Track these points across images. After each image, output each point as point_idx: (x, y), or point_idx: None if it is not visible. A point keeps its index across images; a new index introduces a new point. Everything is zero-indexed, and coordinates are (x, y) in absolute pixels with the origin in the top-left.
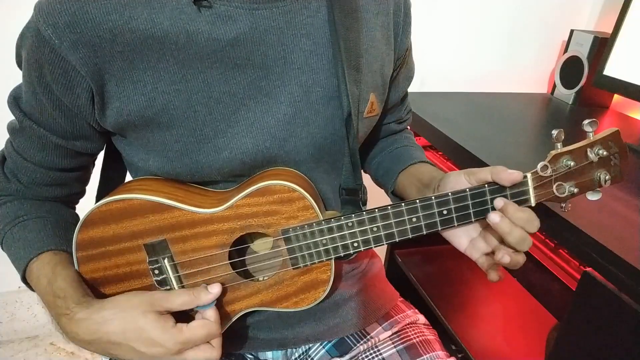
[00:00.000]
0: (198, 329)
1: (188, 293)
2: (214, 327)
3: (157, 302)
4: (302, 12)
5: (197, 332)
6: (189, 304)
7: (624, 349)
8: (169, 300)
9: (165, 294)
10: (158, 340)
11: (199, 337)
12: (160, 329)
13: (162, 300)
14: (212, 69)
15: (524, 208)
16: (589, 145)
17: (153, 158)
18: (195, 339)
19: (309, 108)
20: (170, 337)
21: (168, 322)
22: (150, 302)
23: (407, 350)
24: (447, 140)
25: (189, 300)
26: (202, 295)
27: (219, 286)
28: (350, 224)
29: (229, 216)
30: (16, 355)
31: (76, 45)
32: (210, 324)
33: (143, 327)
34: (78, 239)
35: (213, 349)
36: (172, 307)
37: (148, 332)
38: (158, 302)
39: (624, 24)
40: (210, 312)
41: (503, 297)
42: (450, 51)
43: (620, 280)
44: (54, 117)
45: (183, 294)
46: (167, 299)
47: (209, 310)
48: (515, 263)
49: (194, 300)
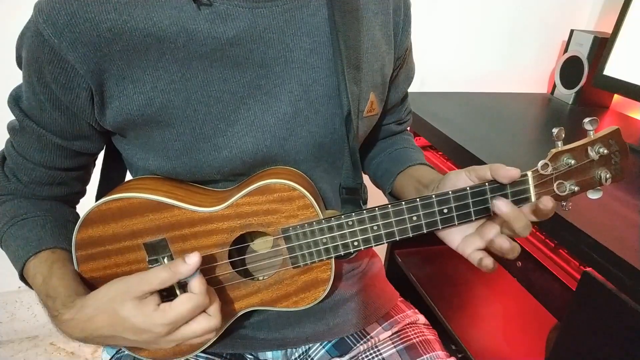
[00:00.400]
0: (182, 304)
1: (165, 269)
2: (199, 298)
3: (134, 288)
4: (302, 11)
5: (182, 307)
6: (168, 280)
7: (624, 349)
8: (146, 281)
9: (141, 275)
10: (143, 327)
11: (186, 313)
12: (142, 315)
13: (139, 284)
14: (211, 68)
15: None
16: (589, 144)
17: (153, 157)
18: (183, 315)
19: (309, 107)
20: (154, 320)
21: (148, 306)
22: (127, 289)
23: (407, 350)
24: (447, 140)
25: (167, 277)
26: (180, 267)
27: (197, 255)
28: (351, 223)
29: (229, 215)
30: (16, 355)
31: (75, 45)
32: (194, 296)
33: (125, 317)
34: (77, 238)
35: (210, 317)
36: (151, 288)
37: (131, 321)
38: (135, 287)
39: (624, 24)
40: (194, 283)
41: (503, 297)
42: (450, 51)
43: (620, 280)
44: (53, 117)
45: (160, 271)
46: (143, 281)
47: (193, 281)
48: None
49: (173, 275)
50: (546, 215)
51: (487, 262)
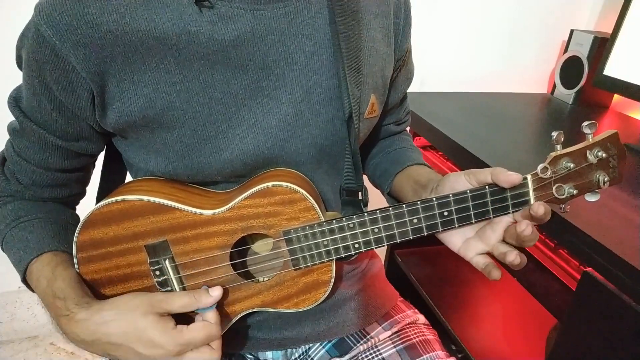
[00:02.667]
0: (198, 331)
1: (189, 295)
2: (214, 329)
3: (157, 304)
4: (303, 13)
5: (197, 334)
6: (189, 306)
7: (624, 349)
8: (170, 302)
9: (166, 295)
10: (158, 342)
11: (199, 339)
12: (160, 331)
13: (163, 302)
14: (213, 70)
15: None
16: (588, 147)
17: (154, 159)
18: (196, 341)
19: (310, 109)
20: (170, 338)
21: (168, 323)
22: (151, 304)
23: (407, 350)
24: (447, 140)
25: (189, 303)
26: (203, 297)
27: (220, 289)
28: (352, 225)
29: (231, 217)
30: (16, 355)
31: (77, 46)
32: (210, 326)
33: (143, 329)
34: (78, 240)
35: (213, 350)
36: (172, 309)
37: (148, 334)
38: (158, 304)
39: (624, 24)
40: (210, 314)
41: (503, 297)
42: (450, 51)
43: (620, 280)
44: (54, 118)
45: (184, 296)
46: (167, 301)
47: (210, 312)
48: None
49: (195, 303)
50: (540, 221)
51: (495, 275)
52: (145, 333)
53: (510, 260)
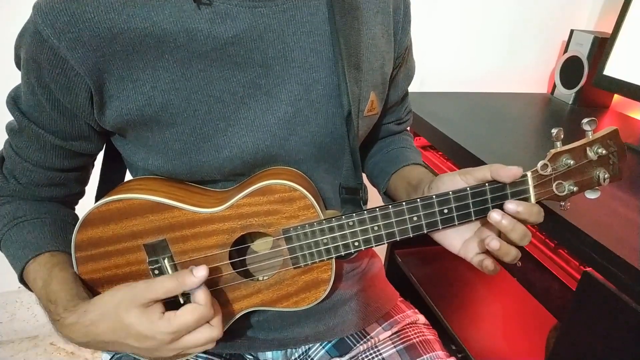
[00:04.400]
0: (187, 315)
1: (171, 279)
2: (204, 310)
3: (139, 295)
4: (302, 10)
5: (187, 318)
6: (174, 290)
7: (624, 349)
8: (152, 289)
9: (148, 283)
10: (147, 334)
11: (191, 323)
12: (146, 323)
13: (145, 291)
14: (211, 67)
15: (532, 203)
16: (588, 144)
17: (153, 157)
18: (188, 325)
19: (309, 106)
20: (158, 328)
21: (154, 314)
22: (133, 297)
23: (407, 350)
24: (447, 140)
25: (173, 287)
26: (187, 279)
27: (205, 268)
28: (352, 223)
29: (230, 216)
30: (16, 355)
31: (75, 45)
32: (199, 307)
33: (129, 324)
34: (77, 239)
35: (212, 328)
36: (157, 296)
37: (135, 328)
38: (141, 294)
39: (624, 24)
40: (199, 295)
41: (503, 297)
42: (450, 51)
43: (620, 280)
44: (52, 117)
45: (166, 280)
46: (149, 289)
47: (198, 292)
48: (514, 257)
49: (179, 286)
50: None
51: (487, 263)
52: (132, 328)
53: (507, 260)
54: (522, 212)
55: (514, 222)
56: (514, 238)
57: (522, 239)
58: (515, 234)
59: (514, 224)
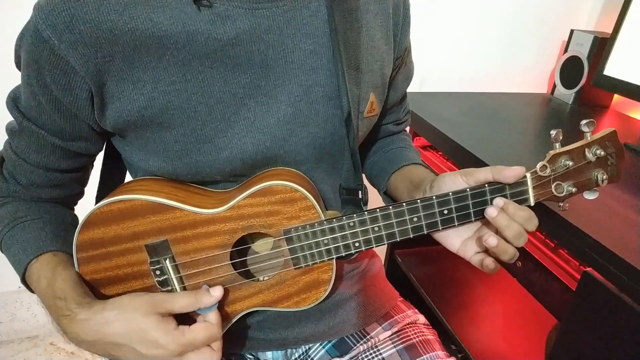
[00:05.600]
0: (200, 331)
1: (190, 296)
2: (215, 330)
3: (159, 304)
4: (302, 12)
5: (199, 334)
6: (190, 306)
7: (624, 349)
8: (171, 302)
9: (168, 296)
10: (160, 342)
11: (201, 340)
12: (162, 331)
13: (165, 302)
14: (212, 69)
15: (524, 207)
16: (586, 145)
17: (153, 158)
18: (197, 341)
19: (309, 108)
20: (172, 339)
21: (170, 324)
22: (153, 304)
23: (407, 350)
24: (447, 140)
25: (190, 303)
26: (204, 298)
27: (221, 289)
28: (352, 224)
29: (231, 216)
30: (16, 355)
31: (75, 46)
32: (211, 326)
33: (145, 329)
34: (78, 240)
35: (213, 351)
36: (173, 309)
37: (150, 334)
38: (160, 304)
39: (624, 24)
40: (211, 315)
41: (503, 297)
42: (450, 51)
43: (620, 280)
44: (52, 118)
45: (185, 296)
46: (169, 301)
47: (211, 313)
48: (512, 256)
49: (196, 303)
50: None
51: (487, 262)
52: (147, 333)
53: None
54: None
55: (508, 219)
56: (509, 236)
57: (518, 238)
58: (510, 232)
59: (509, 221)
